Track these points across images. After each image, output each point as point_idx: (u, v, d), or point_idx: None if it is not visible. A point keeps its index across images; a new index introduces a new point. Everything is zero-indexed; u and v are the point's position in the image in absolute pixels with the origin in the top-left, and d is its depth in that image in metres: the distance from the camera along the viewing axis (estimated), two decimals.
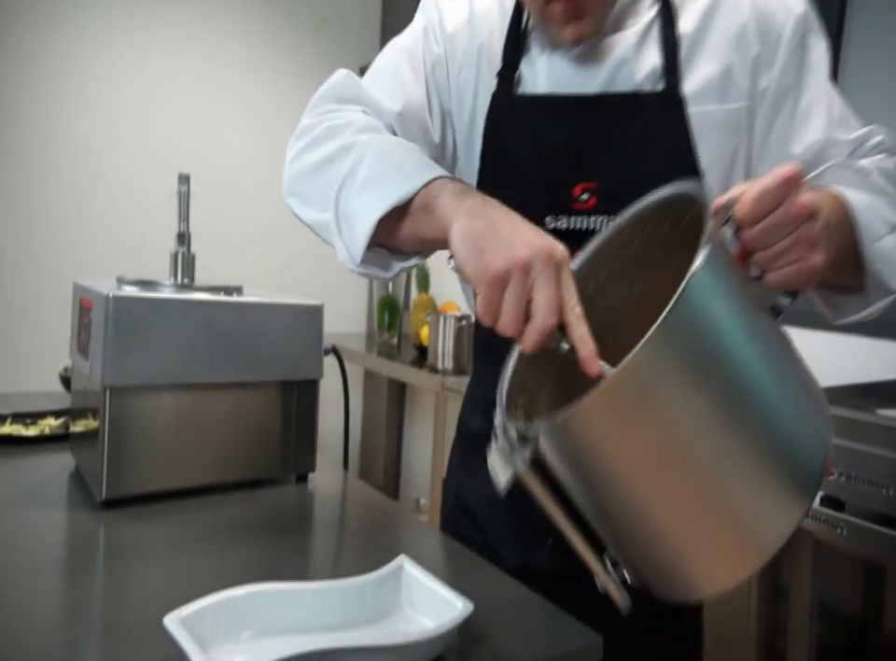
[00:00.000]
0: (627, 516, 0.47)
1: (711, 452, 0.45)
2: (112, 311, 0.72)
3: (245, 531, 0.73)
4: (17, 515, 0.72)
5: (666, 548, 0.47)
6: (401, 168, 0.59)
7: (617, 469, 0.46)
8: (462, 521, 0.79)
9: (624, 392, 0.43)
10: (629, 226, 0.58)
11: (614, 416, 0.44)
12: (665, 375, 0.44)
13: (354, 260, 0.62)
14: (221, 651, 0.47)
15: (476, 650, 0.50)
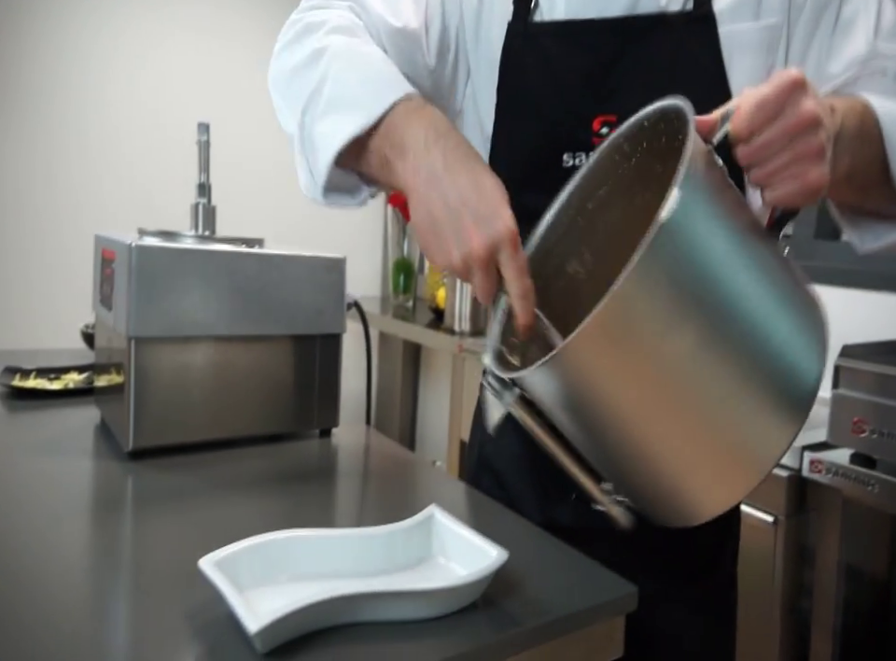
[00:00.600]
0: (621, 450, 0.48)
1: (703, 377, 0.45)
2: (135, 261, 0.71)
3: (270, 482, 0.73)
4: (44, 465, 0.73)
5: (663, 476, 0.48)
6: (363, 91, 0.59)
7: (607, 404, 0.46)
8: (485, 478, 0.79)
9: (610, 326, 0.43)
10: (626, 141, 0.56)
11: (601, 352, 0.44)
12: (651, 304, 0.43)
13: (317, 192, 0.63)
14: (255, 594, 0.47)
15: (509, 599, 0.50)
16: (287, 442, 0.85)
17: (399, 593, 0.45)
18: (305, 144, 0.63)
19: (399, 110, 0.57)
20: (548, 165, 0.68)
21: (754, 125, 0.45)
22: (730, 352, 0.45)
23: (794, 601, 1.09)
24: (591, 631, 0.50)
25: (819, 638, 1.04)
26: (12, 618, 0.45)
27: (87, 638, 0.44)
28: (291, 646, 0.43)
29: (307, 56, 0.64)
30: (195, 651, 0.43)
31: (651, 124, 0.54)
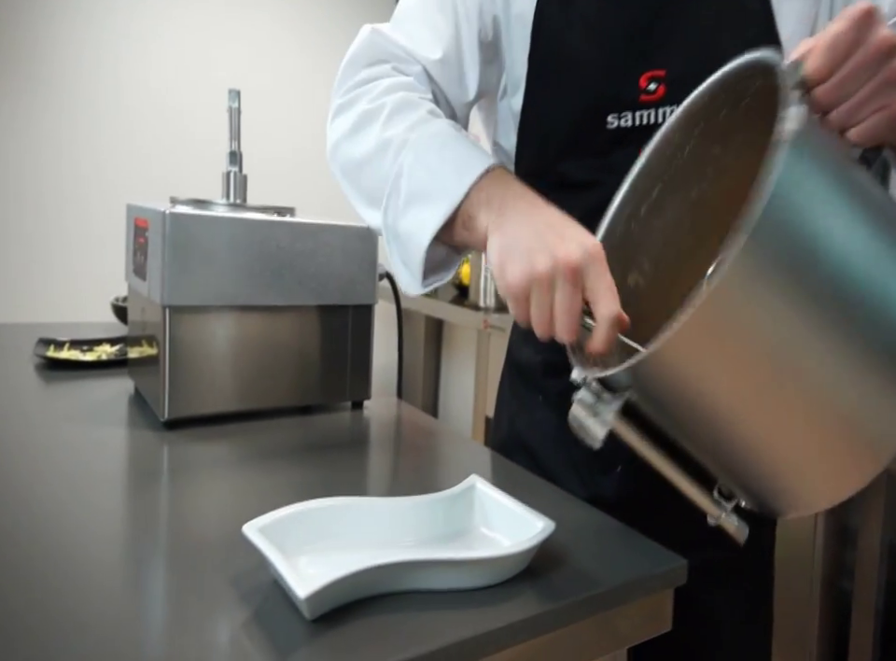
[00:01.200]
0: (737, 443, 0.44)
1: (822, 358, 0.41)
2: (169, 228, 0.71)
3: (304, 452, 0.73)
4: (81, 433, 0.73)
5: (783, 467, 0.45)
6: (440, 179, 0.57)
7: (719, 396, 0.42)
8: (518, 456, 0.78)
9: (719, 311, 0.39)
10: (677, 131, 0.53)
11: (710, 341, 0.40)
12: (763, 282, 0.39)
13: (416, 287, 0.61)
14: (299, 561, 0.47)
15: (556, 571, 0.49)
16: (320, 413, 0.85)
17: (449, 561, 0.44)
18: (394, 242, 0.62)
19: (480, 183, 0.55)
20: (591, 129, 0.65)
21: (833, 62, 0.42)
22: (856, 325, 0.41)
23: (835, 581, 1.07)
24: (640, 604, 0.49)
25: (860, 617, 1.02)
26: (52, 584, 0.45)
27: (127, 602, 0.44)
28: (337, 613, 0.43)
29: (374, 148, 0.63)
30: (240, 617, 0.42)
31: (707, 101, 0.50)
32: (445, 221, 0.55)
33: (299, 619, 0.42)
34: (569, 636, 0.46)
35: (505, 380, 0.84)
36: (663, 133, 0.54)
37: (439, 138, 0.60)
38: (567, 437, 0.71)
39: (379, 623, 0.42)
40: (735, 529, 0.47)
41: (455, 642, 0.41)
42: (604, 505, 0.61)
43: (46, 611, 0.42)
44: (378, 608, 0.44)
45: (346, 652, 0.39)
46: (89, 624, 0.41)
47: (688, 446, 0.48)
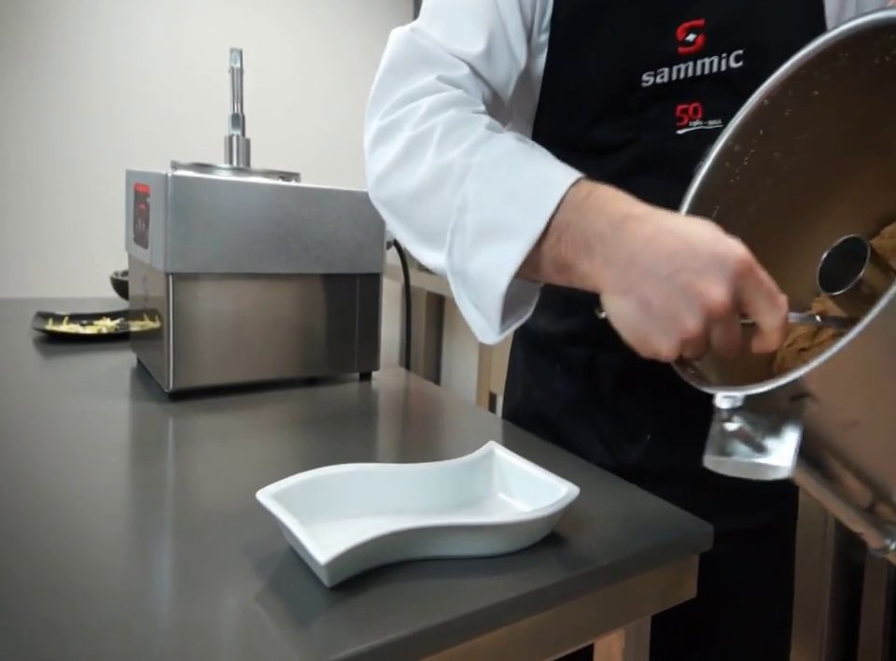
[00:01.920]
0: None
1: None
2: (172, 192, 0.68)
3: (313, 423, 0.71)
4: (81, 405, 0.71)
5: None
6: (513, 209, 0.48)
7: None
8: (534, 425, 0.76)
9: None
10: (734, 143, 0.49)
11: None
12: None
13: (492, 335, 0.53)
14: (315, 528, 0.45)
15: (580, 537, 0.47)
16: (328, 385, 0.83)
17: (471, 527, 0.42)
18: (462, 286, 0.53)
19: (565, 208, 0.46)
20: (624, 89, 0.61)
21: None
22: None
23: (847, 553, 1.06)
24: (666, 570, 0.48)
25: (872, 588, 1.02)
26: (57, 556, 0.43)
27: (135, 574, 0.42)
28: (356, 581, 0.41)
29: (429, 179, 0.54)
30: (255, 586, 0.41)
31: (774, 98, 0.46)
32: (524, 258, 0.47)
33: (316, 587, 0.40)
34: (594, 603, 0.45)
35: (517, 352, 0.81)
36: (721, 142, 0.50)
37: (507, 160, 0.51)
38: (589, 406, 0.70)
39: (400, 590, 0.41)
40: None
41: (478, 609, 0.39)
42: (627, 474, 0.60)
43: (51, 583, 0.40)
44: (398, 575, 0.42)
45: (366, 619, 0.38)
46: (96, 596, 0.39)
47: (865, 460, 0.39)
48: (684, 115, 0.60)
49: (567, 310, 0.70)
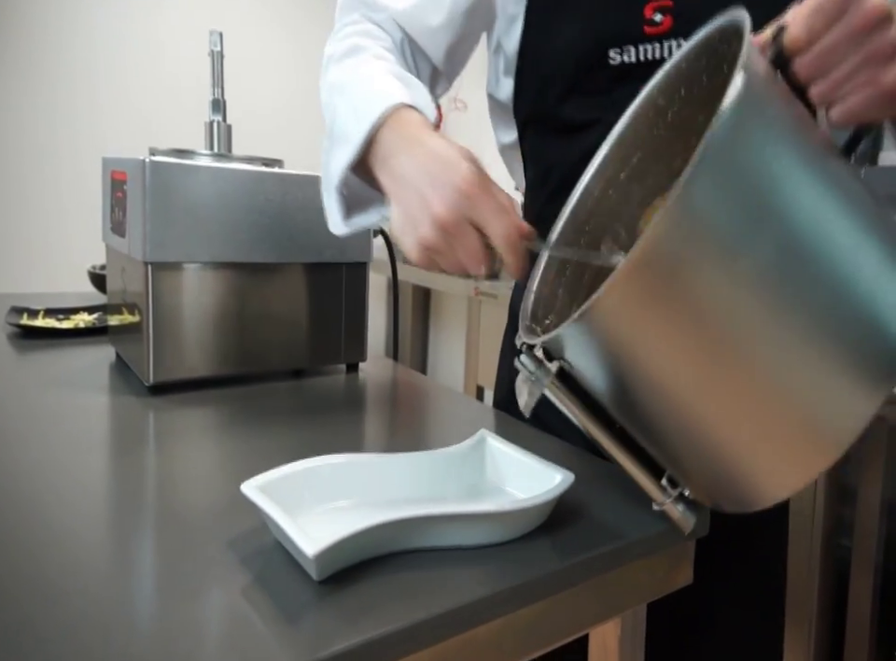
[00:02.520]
0: (677, 425, 0.40)
1: (767, 333, 0.36)
2: (150, 179, 0.66)
3: (299, 415, 0.70)
4: (59, 400, 0.69)
5: (725, 455, 0.40)
6: (350, 120, 0.57)
7: (657, 367, 0.38)
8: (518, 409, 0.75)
9: (651, 270, 0.35)
10: (658, 95, 0.50)
11: (643, 302, 0.36)
12: (699, 242, 0.35)
13: (339, 226, 0.62)
14: (303, 521, 0.44)
15: (576, 524, 0.46)
16: (314, 377, 0.82)
17: (466, 515, 0.41)
18: (322, 184, 0.63)
19: (384, 127, 0.54)
20: (592, 66, 0.62)
21: (813, 30, 0.39)
22: (804, 294, 0.36)
23: (834, 538, 1.07)
24: (663, 556, 0.47)
25: (859, 574, 1.02)
26: (34, 552, 0.42)
27: (115, 570, 0.41)
28: (346, 574, 0.40)
29: (325, 94, 0.64)
30: (241, 581, 0.39)
31: (690, 62, 0.47)
32: (350, 162, 0.56)
33: (304, 581, 0.39)
34: (591, 591, 0.44)
35: (507, 337, 0.81)
36: (645, 94, 0.51)
37: (361, 78, 0.61)
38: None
39: (392, 582, 0.39)
40: (679, 517, 0.44)
41: (475, 600, 0.38)
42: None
43: (28, 580, 0.39)
44: (390, 567, 0.41)
45: (358, 613, 0.36)
46: (75, 594, 0.38)
47: (627, 426, 0.44)
48: None
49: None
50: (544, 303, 0.51)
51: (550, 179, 0.67)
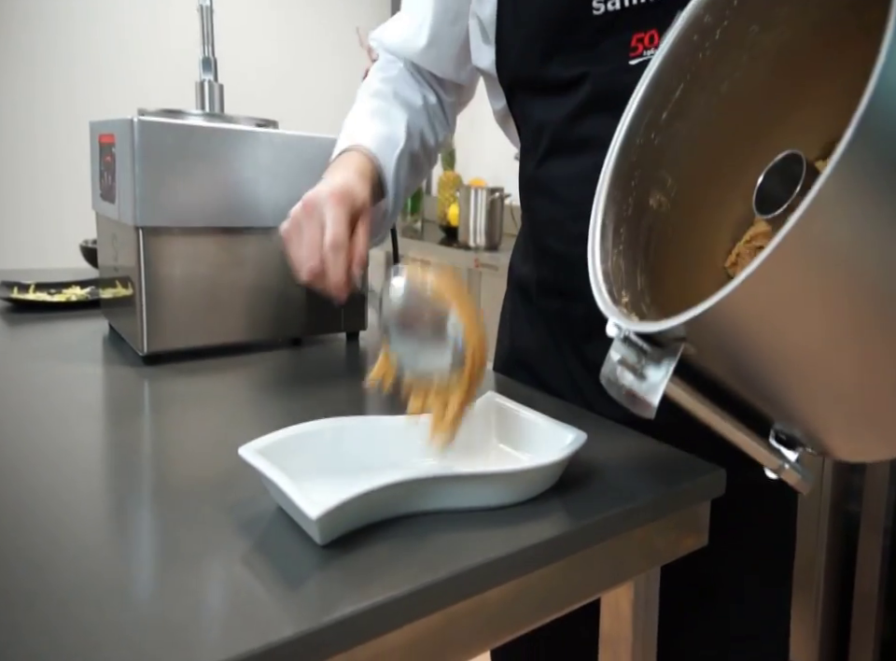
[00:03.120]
0: (824, 388, 0.37)
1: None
2: (139, 139, 0.63)
3: (298, 383, 0.68)
4: (53, 371, 0.67)
5: (873, 410, 0.37)
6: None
7: (807, 339, 0.35)
8: (520, 373, 0.74)
9: (814, 236, 0.31)
10: (705, 12, 0.45)
11: (801, 274, 0.32)
12: (871, 194, 0.30)
13: None
14: (302, 486, 0.42)
15: (588, 486, 0.45)
16: (313, 346, 0.80)
17: (477, 476, 0.39)
18: None
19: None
20: (576, 20, 0.58)
21: None
22: None
23: (843, 503, 1.06)
24: (677, 517, 0.45)
25: (868, 539, 1.01)
26: (29, 523, 0.40)
27: (112, 538, 0.39)
28: (350, 538, 0.38)
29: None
30: (241, 546, 0.38)
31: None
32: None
33: (307, 546, 0.37)
34: (605, 553, 0.42)
35: (507, 301, 0.80)
36: (688, 13, 0.46)
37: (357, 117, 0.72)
38: (566, 354, 0.68)
39: (398, 546, 0.38)
40: (798, 481, 0.41)
41: (485, 563, 0.37)
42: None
43: (23, 550, 0.37)
44: (396, 531, 0.39)
45: (365, 577, 0.35)
46: (72, 563, 0.36)
47: (755, 398, 0.40)
48: (639, 44, 0.57)
49: (539, 260, 0.71)
50: (611, 278, 0.45)
51: (541, 141, 0.65)
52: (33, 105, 2.03)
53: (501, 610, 0.38)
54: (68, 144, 2.04)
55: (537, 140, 0.66)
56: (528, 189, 0.72)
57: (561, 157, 0.63)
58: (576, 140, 0.61)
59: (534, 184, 0.68)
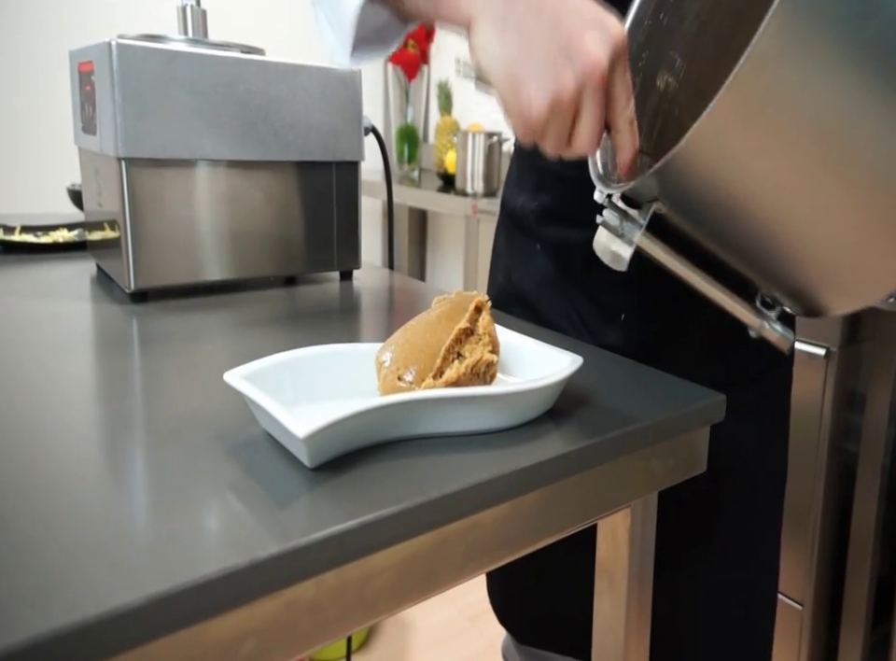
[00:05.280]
0: (783, 237, 0.39)
1: (878, 132, 0.35)
2: (118, 64, 0.61)
3: (290, 320, 0.66)
4: (39, 308, 0.66)
5: (833, 255, 0.40)
6: None
7: (762, 186, 0.37)
8: (516, 307, 0.72)
9: (758, 83, 0.33)
10: None
11: (750, 121, 0.35)
12: (809, 41, 0.33)
13: (344, 56, 0.49)
14: (293, 411, 0.41)
15: (585, 410, 0.43)
16: (305, 285, 0.78)
17: (469, 397, 0.38)
18: (319, 4, 0.50)
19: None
20: None
21: None
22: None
23: (841, 443, 1.06)
24: (676, 442, 0.44)
25: (866, 478, 1.02)
26: (16, 453, 0.39)
27: (100, 465, 0.38)
28: (341, 461, 0.37)
29: None
30: (228, 470, 0.37)
31: None
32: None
33: (295, 470, 0.36)
34: (603, 477, 0.41)
35: (500, 235, 0.77)
36: None
37: None
38: (566, 285, 0.66)
39: (389, 468, 0.37)
40: (779, 338, 0.43)
41: (477, 483, 0.36)
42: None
43: (6, 473, 0.36)
44: (387, 454, 0.38)
45: (354, 497, 0.34)
46: (54, 485, 0.35)
47: (725, 254, 0.43)
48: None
49: (540, 186, 0.68)
50: (608, 154, 0.47)
51: None
52: (16, 39, 1.97)
53: (495, 532, 0.38)
54: (49, 83, 1.98)
55: None
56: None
57: None
58: None
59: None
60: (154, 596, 0.27)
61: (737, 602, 0.68)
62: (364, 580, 0.33)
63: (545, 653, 0.76)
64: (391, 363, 0.41)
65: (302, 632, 0.32)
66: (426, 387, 0.39)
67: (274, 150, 0.71)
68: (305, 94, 0.71)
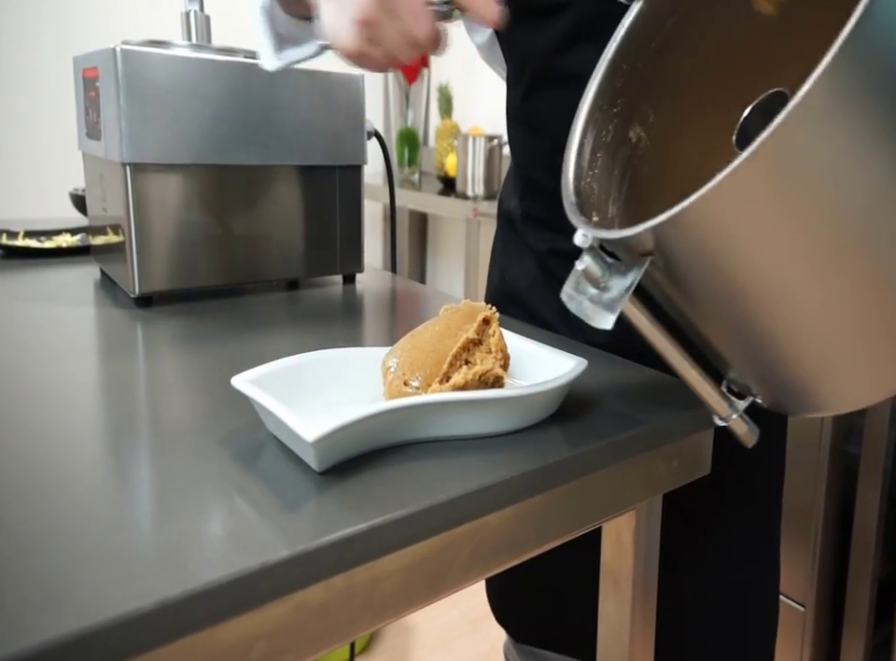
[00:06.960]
0: (780, 324, 0.35)
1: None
2: (122, 69, 0.61)
3: (294, 324, 0.67)
4: (43, 313, 0.66)
5: (827, 357, 0.36)
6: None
7: (771, 262, 0.33)
8: (510, 306, 0.73)
9: (789, 148, 0.29)
10: None
11: (772, 188, 0.30)
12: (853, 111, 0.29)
13: (271, 59, 0.55)
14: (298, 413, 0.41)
15: (591, 412, 0.44)
16: (309, 288, 0.78)
17: (475, 401, 0.38)
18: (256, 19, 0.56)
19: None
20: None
21: None
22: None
23: (843, 445, 1.06)
24: (680, 445, 0.44)
25: (867, 479, 1.02)
26: (19, 458, 0.39)
27: (107, 468, 0.38)
28: (348, 465, 0.37)
29: None
30: (236, 474, 0.37)
31: None
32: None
33: (303, 473, 0.37)
34: (607, 480, 0.42)
35: (498, 236, 0.80)
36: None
37: None
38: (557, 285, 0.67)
39: (397, 472, 0.37)
40: (746, 432, 0.40)
41: (483, 487, 0.36)
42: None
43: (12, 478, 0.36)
44: (395, 458, 0.38)
45: (363, 501, 0.34)
46: (60, 491, 0.35)
47: (708, 330, 0.39)
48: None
49: (525, 193, 0.70)
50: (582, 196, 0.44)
51: (524, 73, 0.63)
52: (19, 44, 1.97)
53: (501, 535, 0.38)
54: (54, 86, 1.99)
55: (522, 72, 0.64)
56: (514, 122, 0.70)
57: (546, 89, 0.62)
58: (561, 72, 0.60)
59: (520, 116, 0.67)
60: (163, 601, 0.27)
61: (738, 603, 0.68)
62: (373, 583, 0.34)
63: (544, 653, 0.76)
64: (397, 368, 0.41)
65: (312, 635, 0.32)
66: (432, 392, 0.40)
67: (278, 155, 0.71)
68: (308, 99, 0.71)
